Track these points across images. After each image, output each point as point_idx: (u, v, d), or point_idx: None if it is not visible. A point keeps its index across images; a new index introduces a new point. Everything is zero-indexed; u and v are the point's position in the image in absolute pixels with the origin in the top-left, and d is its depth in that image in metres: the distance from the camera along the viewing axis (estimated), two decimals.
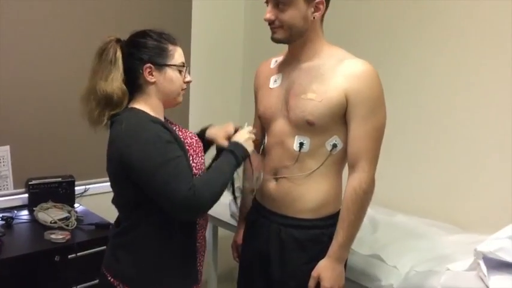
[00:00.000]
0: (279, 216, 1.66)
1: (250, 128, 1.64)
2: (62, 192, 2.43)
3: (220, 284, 2.91)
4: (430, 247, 1.90)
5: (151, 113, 1.49)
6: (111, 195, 1.57)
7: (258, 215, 1.75)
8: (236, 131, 1.64)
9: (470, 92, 2.20)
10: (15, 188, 2.39)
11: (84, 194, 2.59)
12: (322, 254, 1.59)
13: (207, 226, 1.66)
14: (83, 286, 2.06)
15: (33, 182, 2.38)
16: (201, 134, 1.71)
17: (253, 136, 1.61)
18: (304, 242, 1.62)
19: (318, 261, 1.59)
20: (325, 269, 1.57)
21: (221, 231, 2.75)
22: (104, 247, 2.06)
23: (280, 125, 1.64)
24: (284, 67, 1.68)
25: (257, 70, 1.81)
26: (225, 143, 1.61)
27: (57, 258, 2.00)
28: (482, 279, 1.54)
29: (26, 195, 2.40)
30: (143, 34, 1.51)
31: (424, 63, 2.37)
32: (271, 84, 1.69)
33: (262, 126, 1.78)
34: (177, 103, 1.57)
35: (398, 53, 2.46)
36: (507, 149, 2.08)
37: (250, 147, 1.58)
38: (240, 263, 1.86)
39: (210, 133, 1.71)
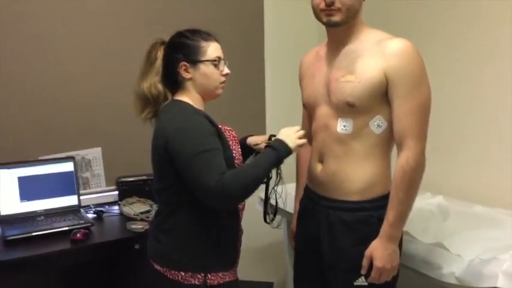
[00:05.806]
0: (327, 199, 1.68)
1: (297, 127, 1.63)
2: (147, 189, 2.61)
3: None
4: (501, 236, 1.78)
5: (194, 105, 1.59)
6: None
7: (308, 200, 1.78)
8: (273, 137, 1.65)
9: None
10: (107, 185, 2.63)
11: None
12: (372, 236, 1.58)
13: (243, 210, 1.73)
14: None
15: (122, 179, 2.60)
16: (241, 142, 1.79)
17: (300, 133, 1.61)
18: (352, 224, 1.62)
19: (367, 243, 1.58)
20: (376, 248, 1.55)
21: None
22: None
23: (323, 110, 1.67)
24: (325, 54, 1.70)
25: (301, 61, 1.85)
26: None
27: (137, 246, 2.15)
28: None
29: (117, 192, 2.61)
30: (178, 35, 1.62)
31: (469, 48, 2.25)
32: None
33: (309, 114, 1.81)
34: (217, 96, 1.66)
35: (447, 35, 2.35)
36: None
37: (292, 143, 1.57)
38: (295, 247, 1.89)
39: (250, 140, 1.81)
